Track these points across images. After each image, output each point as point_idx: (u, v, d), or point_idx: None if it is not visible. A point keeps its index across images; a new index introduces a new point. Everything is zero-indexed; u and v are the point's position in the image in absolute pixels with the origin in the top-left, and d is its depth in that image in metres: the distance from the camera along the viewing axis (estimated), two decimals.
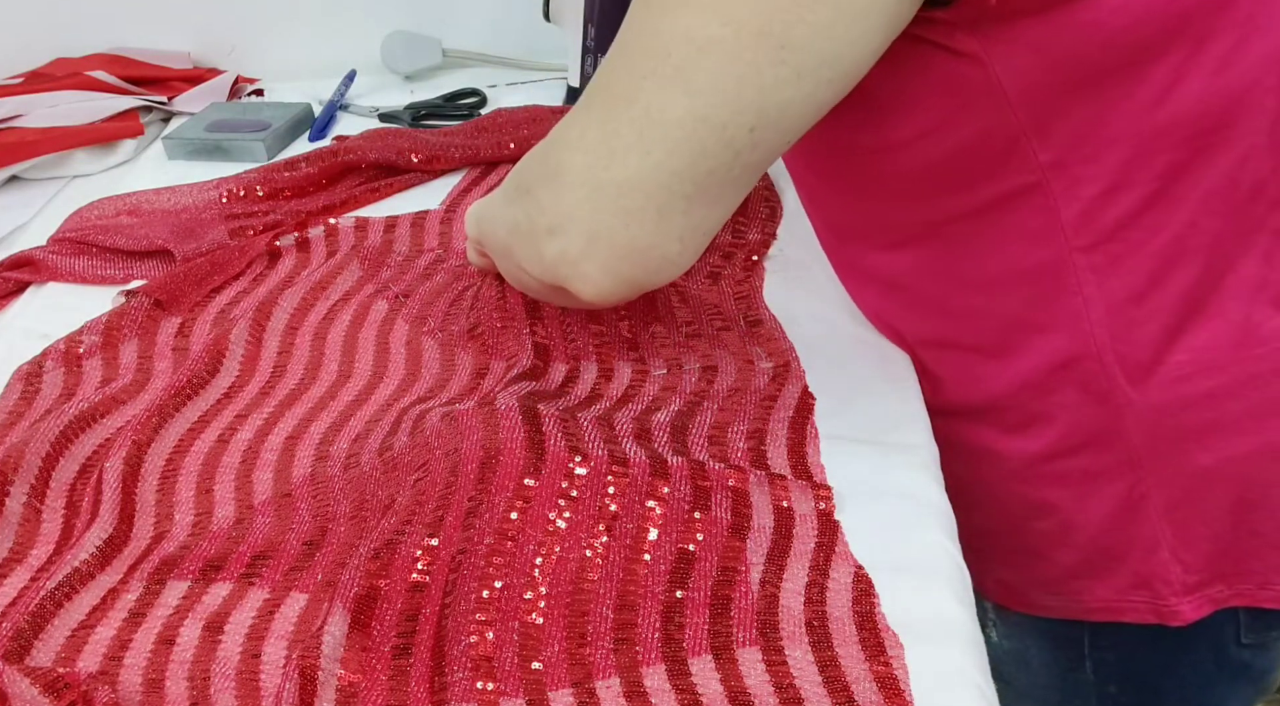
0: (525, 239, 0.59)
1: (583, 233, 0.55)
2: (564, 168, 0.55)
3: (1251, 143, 0.58)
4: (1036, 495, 0.70)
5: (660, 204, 0.53)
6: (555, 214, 0.56)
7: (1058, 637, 0.76)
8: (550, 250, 0.56)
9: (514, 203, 0.61)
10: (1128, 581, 0.69)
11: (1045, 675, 0.78)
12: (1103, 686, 0.76)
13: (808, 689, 0.50)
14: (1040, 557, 0.72)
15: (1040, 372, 0.66)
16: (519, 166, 0.63)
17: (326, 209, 0.97)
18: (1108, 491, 0.67)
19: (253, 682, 0.54)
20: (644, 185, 0.53)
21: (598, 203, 0.54)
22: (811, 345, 0.72)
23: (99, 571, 0.61)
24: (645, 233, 0.54)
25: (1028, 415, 0.68)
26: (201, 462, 0.69)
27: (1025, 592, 0.75)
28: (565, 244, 0.56)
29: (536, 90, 1.22)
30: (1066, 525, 0.70)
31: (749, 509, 0.59)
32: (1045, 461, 0.69)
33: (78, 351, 0.79)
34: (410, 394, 0.73)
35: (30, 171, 1.11)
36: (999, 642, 0.80)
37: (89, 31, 1.28)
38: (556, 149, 0.56)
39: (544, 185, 0.56)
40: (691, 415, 0.67)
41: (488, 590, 0.55)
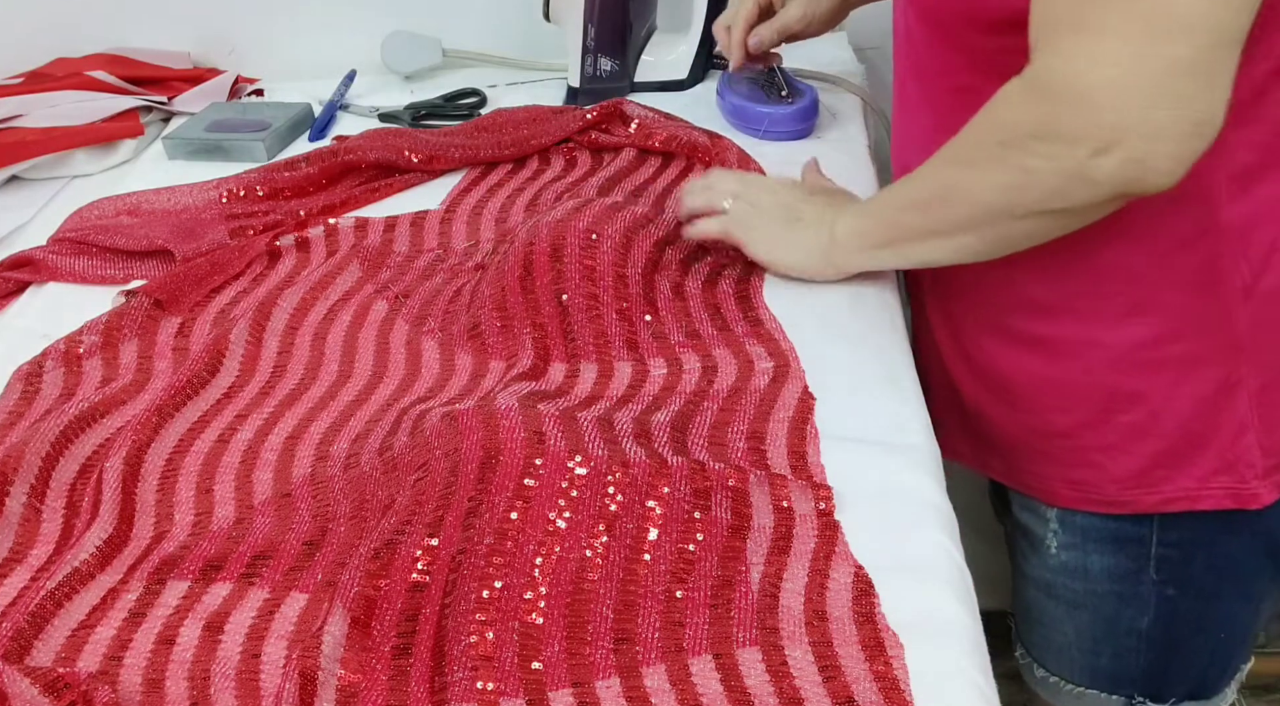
0: (1055, 177, 0.59)
1: (1141, 135, 0.56)
2: (1088, 89, 0.56)
3: None
4: (1127, 385, 0.71)
5: (1203, 78, 0.55)
6: (1099, 135, 0.56)
7: (1123, 539, 0.77)
8: (1106, 168, 0.57)
9: (1003, 159, 0.61)
10: (1211, 467, 0.72)
11: (1105, 581, 0.80)
12: (1163, 589, 0.78)
13: (808, 689, 0.50)
14: (1121, 451, 0.74)
15: (1159, 255, 0.67)
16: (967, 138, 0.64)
17: (326, 209, 0.97)
18: (1205, 376, 0.69)
19: (253, 682, 0.54)
20: (1183, 70, 0.54)
21: (1146, 102, 0.55)
22: (811, 345, 0.72)
23: (99, 571, 0.61)
24: (1199, 107, 0.56)
25: (1135, 301, 0.69)
26: (201, 462, 0.69)
27: (1100, 489, 0.76)
28: (1125, 153, 0.56)
29: (536, 90, 1.22)
30: (1155, 414, 0.71)
31: (749, 509, 0.59)
32: (1146, 348, 0.70)
33: (78, 351, 0.79)
34: (410, 394, 0.73)
35: (30, 171, 1.11)
36: (1056, 554, 0.81)
37: (89, 31, 1.28)
38: (1067, 80, 0.57)
39: (1066, 118, 0.57)
40: (691, 415, 0.67)
41: (488, 590, 0.55)
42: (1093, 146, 0.57)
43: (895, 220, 0.72)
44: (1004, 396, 0.78)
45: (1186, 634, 0.81)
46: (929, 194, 0.68)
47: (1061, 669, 0.86)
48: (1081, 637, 0.83)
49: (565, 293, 0.76)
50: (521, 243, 0.78)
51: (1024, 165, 0.61)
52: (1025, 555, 0.85)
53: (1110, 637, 0.82)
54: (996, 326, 0.75)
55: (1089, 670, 0.85)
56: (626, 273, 0.77)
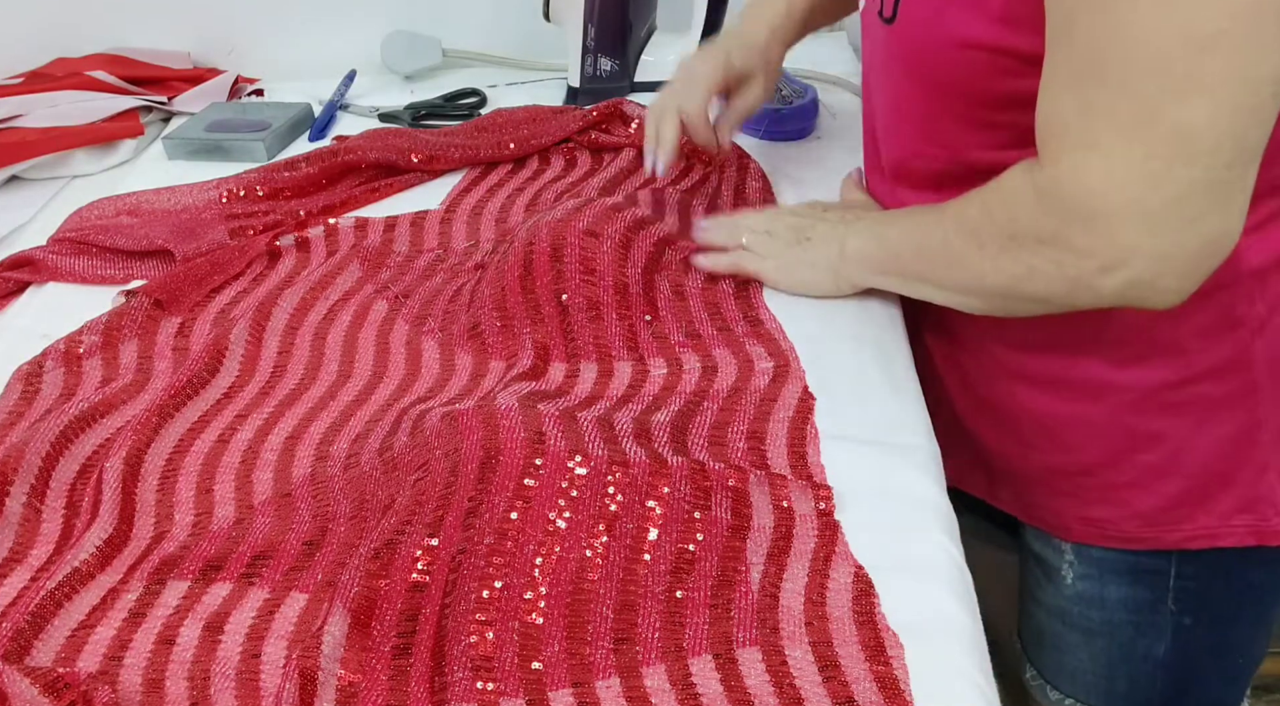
0: (1060, 283, 0.59)
1: (1150, 257, 0.56)
2: (1100, 211, 0.55)
3: None
4: (1147, 426, 0.71)
5: (1220, 196, 0.54)
6: (1108, 254, 0.56)
7: (1141, 571, 0.77)
8: (1111, 285, 0.57)
9: (1008, 254, 0.61)
10: (1233, 505, 0.72)
11: (1121, 611, 0.80)
12: (1180, 618, 0.78)
13: (808, 689, 0.50)
14: (1142, 489, 0.74)
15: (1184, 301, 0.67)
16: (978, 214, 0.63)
17: (326, 209, 0.97)
18: (1225, 417, 0.69)
19: (253, 682, 0.54)
20: (1199, 190, 0.54)
21: (1159, 226, 0.54)
22: (811, 345, 0.72)
23: (99, 571, 0.61)
24: (1214, 225, 0.55)
25: (1153, 345, 0.69)
26: (201, 462, 0.69)
27: (1119, 526, 0.76)
28: (1132, 274, 0.56)
29: (536, 90, 1.22)
30: (1176, 454, 0.71)
31: (749, 509, 0.59)
32: (1165, 391, 0.70)
33: (78, 351, 0.79)
34: (410, 394, 0.73)
35: (30, 171, 1.11)
36: (1073, 584, 0.81)
37: (89, 31, 1.28)
38: (1076, 198, 0.56)
39: (1075, 232, 0.57)
40: (691, 415, 0.67)
41: (488, 590, 0.55)
42: (1100, 263, 0.57)
43: (901, 258, 0.71)
44: (1017, 435, 0.77)
45: (1203, 660, 0.81)
46: (935, 249, 0.68)
47: (1077, 691, 0.86)
48: (1097, 664, 0.83)
49: (565, 292, 0.76)
50: (521, 242, 0.78)
51: (1031, 264, 0.60)
52: (1039, 583, 0.84)
53: (1126, 664, 0.82)
54: (1009, 368, 0.75)
55: (1105, 694, 0.84)
56: (626, 272, 0.77)
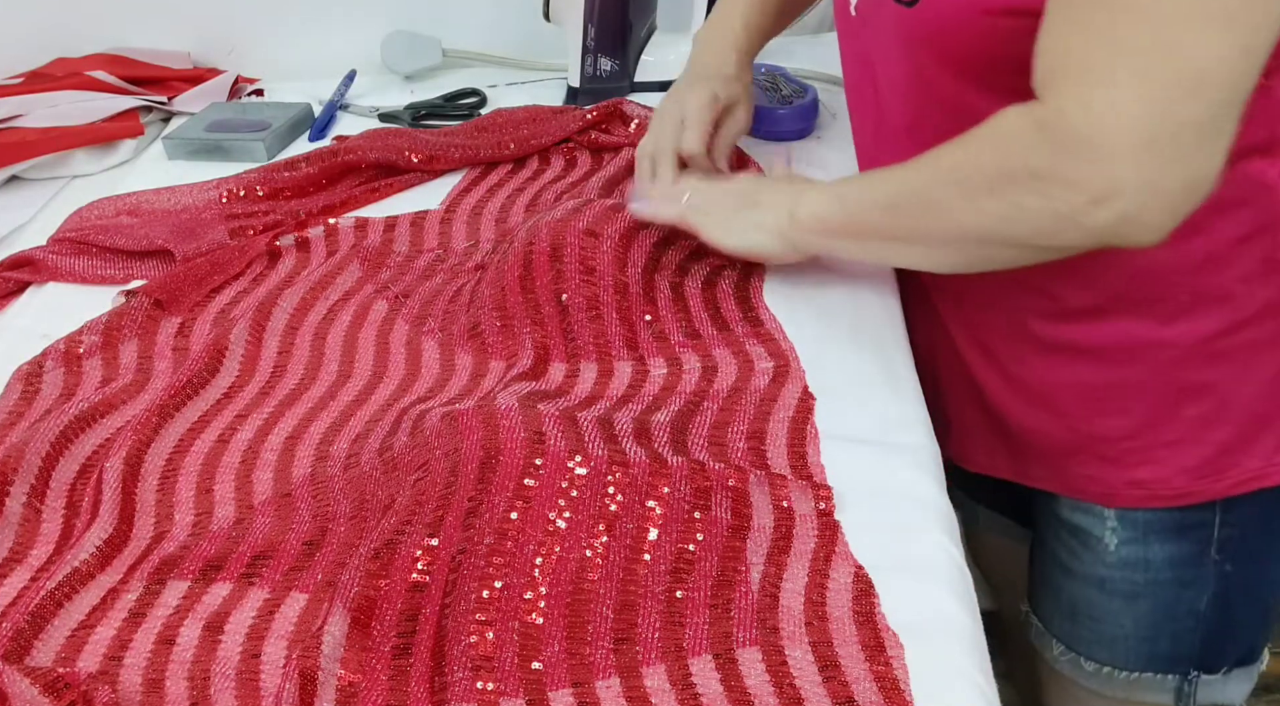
0: (1048, 219, 0.60)
1: (1140, 190, 0.56)
2: (1102, 141, 0.56)
3: None
4: (1195, 378, 0.72)
5: (1212, 135, 0.56)
6: (1101, 186, 0.57)
7: (1185, 526, 0.78)
8: (1100, 219, 0.57)
9: (998, 192, 0.61)
10: (1275, 444, 0.73)
11: (1166, 569, 0.80)
12: (1221, 566, 0.79)
13: (808, 689, 0.50)
14: (1190, 443, 0.74)
15: (1222, 249, 0.68)
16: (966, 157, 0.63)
17: (326, 209, 0.97)
18: (1268, 358, 0.71)
19: (253, 682, 0.54)
20: (1197, 125, 0.55)
21: (1154, 160, 0.55)
22: (811, 345, 0.72)
23: (99, 571, 0.61)
24: (1201, 165, 0.56)
25: (1197, 297, 0.69)
26: (201, 462, 0.69)
27: (1166, 484, 0.77)
28: (1121, 207, 0.57)
29: (536, 90, 1.22)
30: (1224, 402, 0.72)
31: (749, 509, 0.59)
32: (1214, 341, 0.70)
33: (78, 351, 0.79)
34: (410, 394, 0.73)
35: (30, 171, 1.11)
36: (1115, 550, 0.81)
37: (89, 31, 1.28)
38: (1076, 126, 0.56)
39: (1069, 164, 0.57)
40: (691, 415, 0.67)
41: (488, 590, 0.55)
42: (1093, 195, 0.57)
43: (861, 215, 0.71)
44: (1054, 409, 0.77)
45: (1240, 604, 0.82)
46: (904, 200, 0.67)
47: (1115, 658, 0.86)
48: (1140, 626, 0.84)
49: (565, 292, 0.76)
50: (521, 242, 0.78)
51: (1020, 201, 0.60)
52: (1075, 554, 0.84)
53: (1170, 621, 0.83)
54: (1046, 342, 0.75)
55: (1145, 656, 0.85)
56: (626, 272, 0.77)
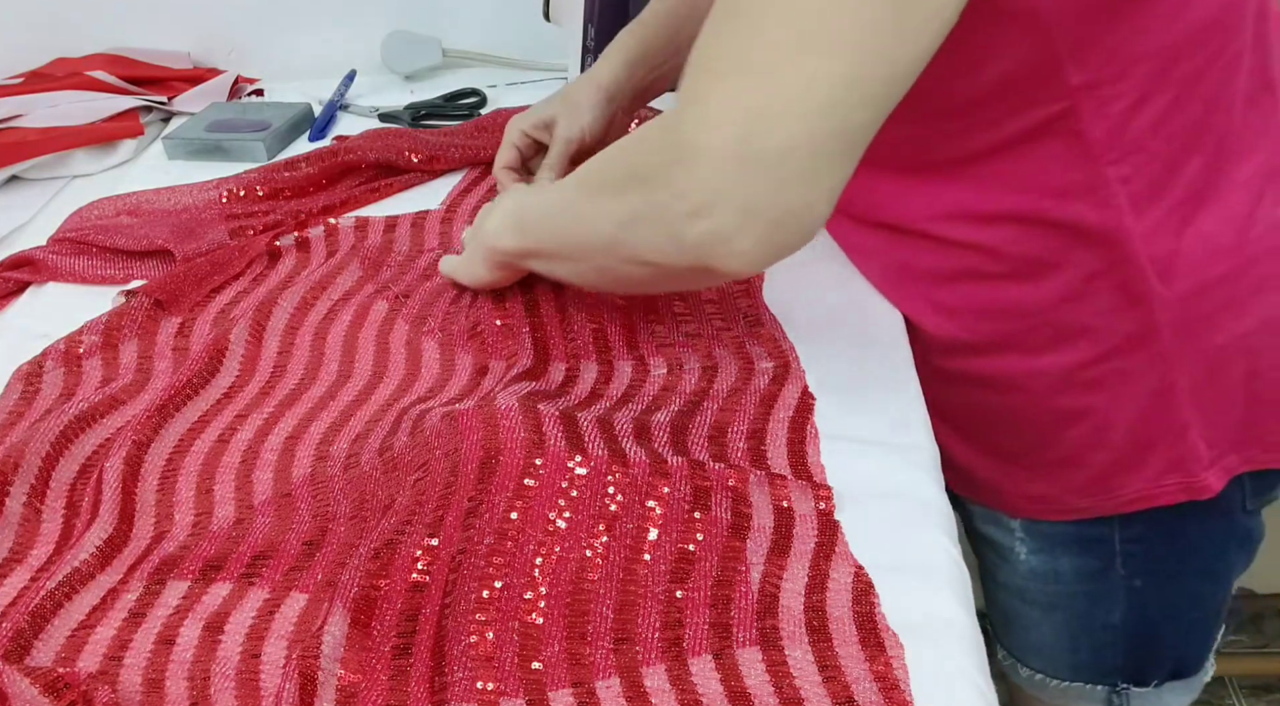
0: (654, 227, 0.58)
1: (736, 208, 0.54)
2: (705, 147, 0.53)
3: (1241, 43, 0.64)
4: (1070, 405, 0.73)
5: (815, 165, 0.53)
6: (698, 196, 0.54)
7: (1088, 540, 0.79)
8: (694, 232, 0.55)
9: (622, 195, 0.60)
10: (1160, 466, 0.74)
11: (1075, 581, 0.82)
12: (1130, 582, 0.80)
13: (808, 689, 0.50)
14: (1074, 463, 0.76)
15: (1076, 285, 0.69)
16: (608, 160, 0.62)
17: (326, 209, 0.97)
18: (1140, 386, 0.71)
19: (253, 682, 0.54)
20: (798, 150, 0.53)
21: (750, 175, 0.53)
22: (811, 345, 0.72)
23: (99, 571, 0.61)
24: (800, 196, 0.54)
25: (1060, 331, 0.71)
26: (201, 462, 0.69)
27: (1059, 500, 0.78)
28: (715, 223, 0.54)
29: (536, 90, 1.22)
30: (1101, 426, 0.73)
31: (749, 509, 0.59)
32: (1080, 370, 0.72)
33: (78, 351, 0.79)
34: (410, 394, 0.73)
35: (30, 171, 1.11)
36: (1026, 560, 0.83)
37: (89, 31, 1.28)
38: (691, 129, 0.54)
39: (677, 169, 0.55)
40: (691, 415, 0.67)
41: (488, 590, 0.55)
42: (690, 205, 0.55)
43: (533, 231, 0.70)
44: (956, 429, 0.79)
45: (1159, 620, 0.83)
46: (556, 209, 0.67)
47: (1045, 665, 0.88)
48: (1059, 636, 0.85)
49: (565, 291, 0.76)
50: None
51: (634, 206, 0.59)
52: (995, 564, 0.87)
53: (1087, 633, 0.84)
54: (940, 372, 0.76)
55: (1070, 665, 0.87)
56: None
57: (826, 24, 0.51)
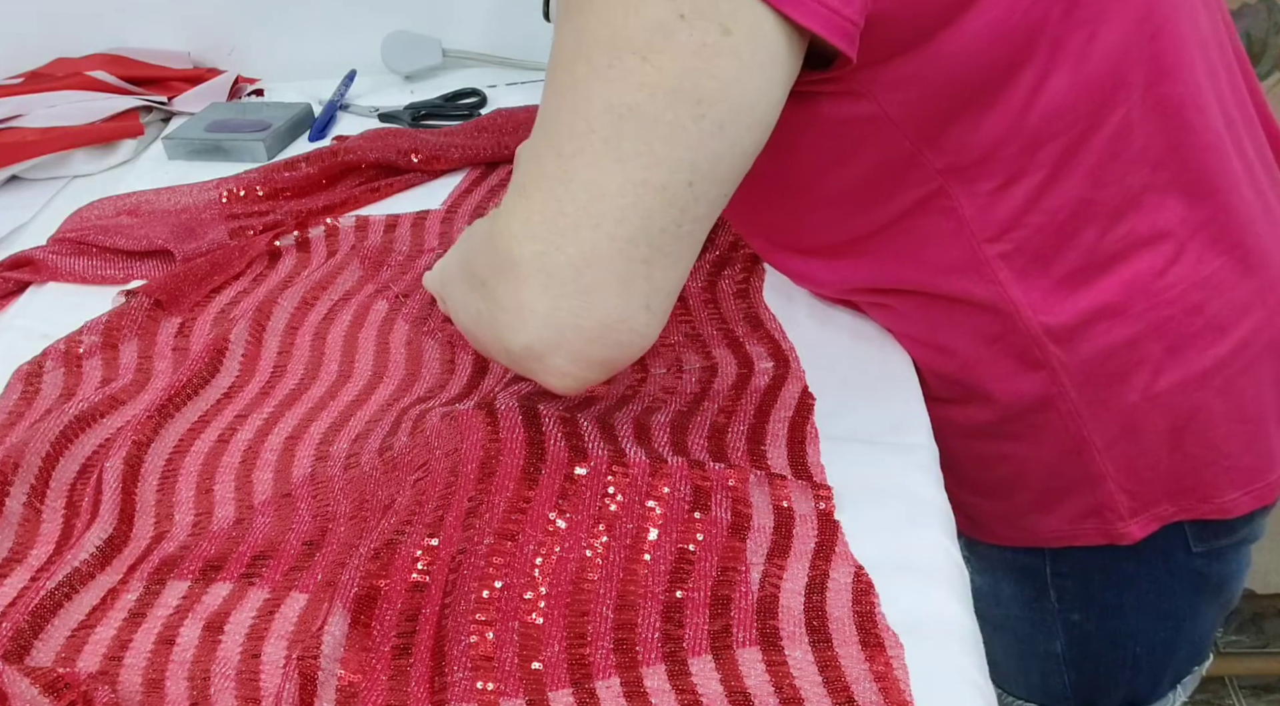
0: (489, 331, 0.58)
1: (546, 325, 0.53)
2: (514, 259, 0.53)
3: (1127, 113, 0.62)
4: (990, 450, 0.75)
5: (620, 273, 0.52)
6: (515, 310, 0.54)
7: (1021, 568, 0.81)
8: (516, 345, 0.55)
9: (473, 291, 0.59)
10: (1078, 511, 0.75)
11: (1015, 606, 0.83)
12: (1067, 614, 0.81)
13: (808, 689, 0.50)
14: (998, 497, 0.78)
15: (974, 350, 0.70)
16: (469, 253, 0.61)
17: (326, 209, 0.97)
18: (1053, 440, 0.72)
19: (253, 682, 0.54)
20: (599, 258, 0.52)
21: (557, 288, 0.53)
22: (811, 345, 0.72)
23: (99, 571, 0.61)
24: (611, 307, 0.53)
25: (969, 391, 0.72)
26: (201, 462, 0.69)
27: (989, 525, 0.80)
28: (529, 339, 0.54)
29: (536, 90, 1.21)
30: (1020, 471, 0.75)
31: (749, 509, 0.59)
32: (994, 426, 0.73)
33: (78, 351, 0.79)
34: (410, 394, 0.73)
35: (30, 171, 1.11)
36: (973, 578, 0.83)
37: (89, 31, 1.28)
38: (503, 241, 0.54)
39: (498, 279, 0.55)
40: (691, 415, 0.67)
41: (488, 590, 0.55)
42: (511, 319, 0.55)
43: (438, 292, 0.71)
44: None
45: (1101, 652, 0.83)
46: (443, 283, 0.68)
47: (1003, 682, 0.89)
48: (1009, 657, 0.86)
49: None
50: None
51: (477, 306, 0.58)
52: None
53: (1033, 658, 0.85)
54: None
55: (1023, 685, 0.88)
56: None
57: (619, 132, 0.51)
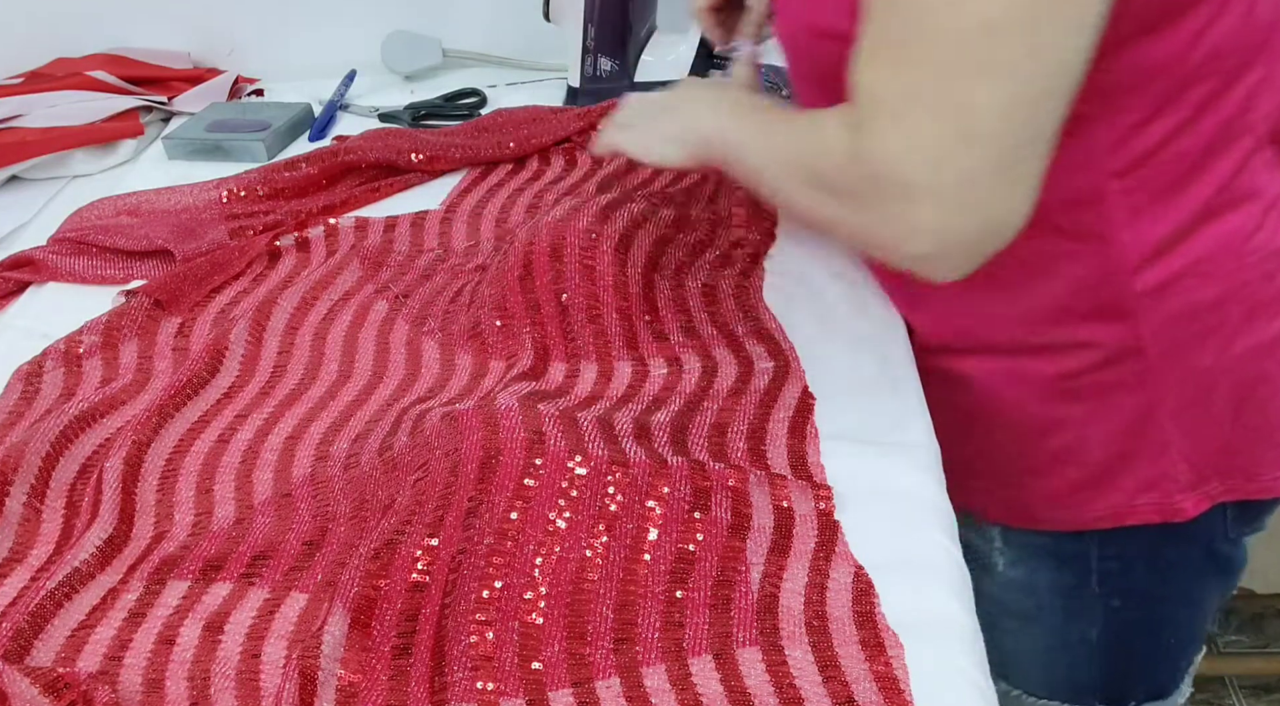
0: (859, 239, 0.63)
1: (939, 237, 0.57)
2: (899, 183, 0.56)
3: (1270, 68, 0.64)
4: (1051, 414, 0.74)
5: (1008, 180, 0.56)
6: (903, 225, 0.57)
7: (1064, 555, 0.79)
8: (901, 254, 0.59)
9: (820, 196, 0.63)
10: (1136, 485, 0.74)
11: (1051, 596, 0.82)
12: (1108, 600, 0.80)
13: (808, 689, 0.50)
14: (1047, 474, 0.76)
15: (1067, 296, 0.69)
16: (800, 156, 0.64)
17: (326, 209, 0.97)
18: (1123, 402, 0.71)
19: (253, 682, 0.54)
20: (988, 172, 0.55)
21: (949, 205, 0.56)
22: (811, 345, 0.72)
23: (99, 571, 0.61)
24: (1000, 210, 0.57)
25: (1048, 340, 0.71)
26: (201, 462, 0.69)
27: (1030, 509, 0.78)
28: (923, 248, 0.58)
29: (536, 90, 1.22)
30: (1080, 439, 0.74)
31: (749, 509, 0.59)
32: (1064, 381, 0.72)
33: (78, 351, 0.79)
34: (410, 394, 0.73)
35: (30, 171, 1.11)
36: (1004, 572, 0.83)
37: (89, 31, 1.28)
38: (882, 163, 0.57)
39: (877, 197, 0.58)
40: (691, 415, 0.67)
41: (488, 590, 0.55)
42: (893, 232, 0.58)
43: (738, 154, 0.72)
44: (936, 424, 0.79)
45: (1136, 640, 0.82)
46: (765, 167, 0.69)
47: (1022, 682, 0.88)
48: (1036, 651, 0.85)
49: (565, 292, 0.76)
50: (521, 243, 0.78)
51: (838, 214, 0.62)
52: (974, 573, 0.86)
53: (1064, 650, 0.84)
54: (924, 366, 0.76)
55: (1047, 683, 0.86)
56: (626, 272, 0.77)
57: (991, 48, 0.53)
